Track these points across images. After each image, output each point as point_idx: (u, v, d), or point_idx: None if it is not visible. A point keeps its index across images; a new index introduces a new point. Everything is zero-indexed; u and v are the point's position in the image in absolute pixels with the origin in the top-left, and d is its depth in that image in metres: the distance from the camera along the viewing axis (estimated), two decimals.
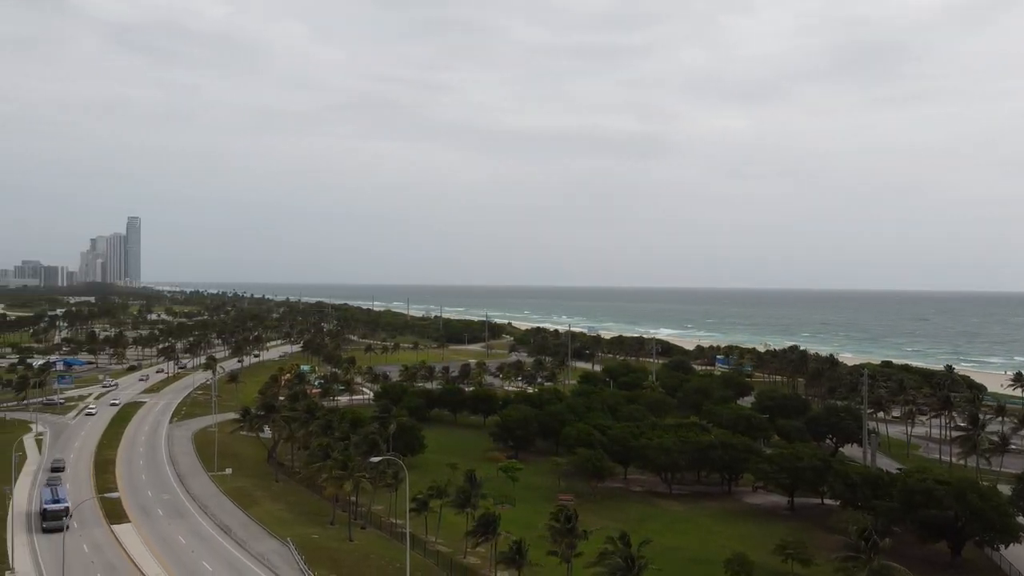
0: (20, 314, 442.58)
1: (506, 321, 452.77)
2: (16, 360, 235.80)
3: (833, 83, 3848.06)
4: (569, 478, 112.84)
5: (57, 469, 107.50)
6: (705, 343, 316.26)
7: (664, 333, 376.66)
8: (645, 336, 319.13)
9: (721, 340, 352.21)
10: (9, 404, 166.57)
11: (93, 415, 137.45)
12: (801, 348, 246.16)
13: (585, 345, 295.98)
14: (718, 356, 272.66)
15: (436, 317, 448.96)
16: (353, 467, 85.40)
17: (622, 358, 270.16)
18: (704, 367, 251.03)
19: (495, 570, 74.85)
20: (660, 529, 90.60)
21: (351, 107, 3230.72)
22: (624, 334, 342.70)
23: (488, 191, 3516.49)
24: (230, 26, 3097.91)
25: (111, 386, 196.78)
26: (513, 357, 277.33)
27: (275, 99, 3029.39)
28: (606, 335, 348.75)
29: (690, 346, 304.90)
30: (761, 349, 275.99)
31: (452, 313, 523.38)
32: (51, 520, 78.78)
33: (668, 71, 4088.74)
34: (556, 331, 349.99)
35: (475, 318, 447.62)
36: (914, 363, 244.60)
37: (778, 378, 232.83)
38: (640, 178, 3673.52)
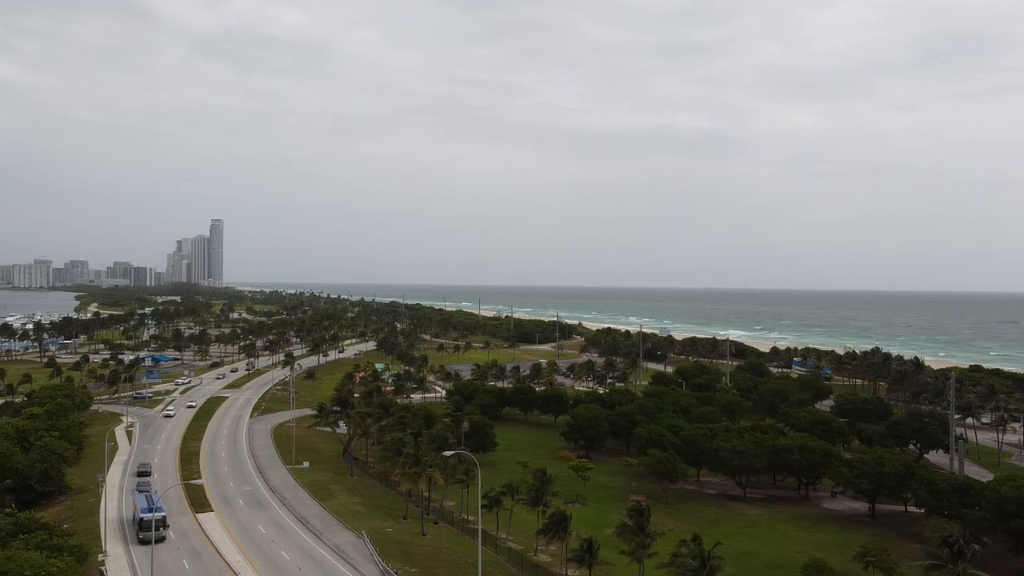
0: (112, 312, 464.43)
1: (577, 321, 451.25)
2: (108, 356, 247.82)
3: (914, 76, 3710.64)
4: (641, 479, 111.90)
5: (144, 473, 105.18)
6: (781, 345, 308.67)
7: (737, 334, 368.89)
8: (719, 337, 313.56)
9: (797, 342, 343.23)
10: (102, 398, 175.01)
11: (171, 416, 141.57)
12: (883, 351, 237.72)
13: (657, 346, 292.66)
14: (795, 358, 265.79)
15: (507, 317, 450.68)
16: (425, 462, 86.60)
17: (695, 359, 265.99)
18: (780, 369, 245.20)
19: (566, 568, 74.88)
20: (734, 533, 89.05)
21: (424, 110, 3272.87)
22: (697, 335, 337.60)
23: (560, 192, 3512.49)
24: (307, 33, 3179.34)
25: (183, 383, 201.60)
26: (584, 357, 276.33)
27: (350, 104, 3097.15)
28: (678, 336, 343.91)
29: (765, 348, 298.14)
30: (840, 351, 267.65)
31: (523, 313, 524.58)
32: (147, 530, 74.81)
33: (742, 67, 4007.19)
34: (627, 332, 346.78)
35: (546, 318, 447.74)
36: (1005, 367, 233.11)
37: (858, 382, 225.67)
38: (712, 177, 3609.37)
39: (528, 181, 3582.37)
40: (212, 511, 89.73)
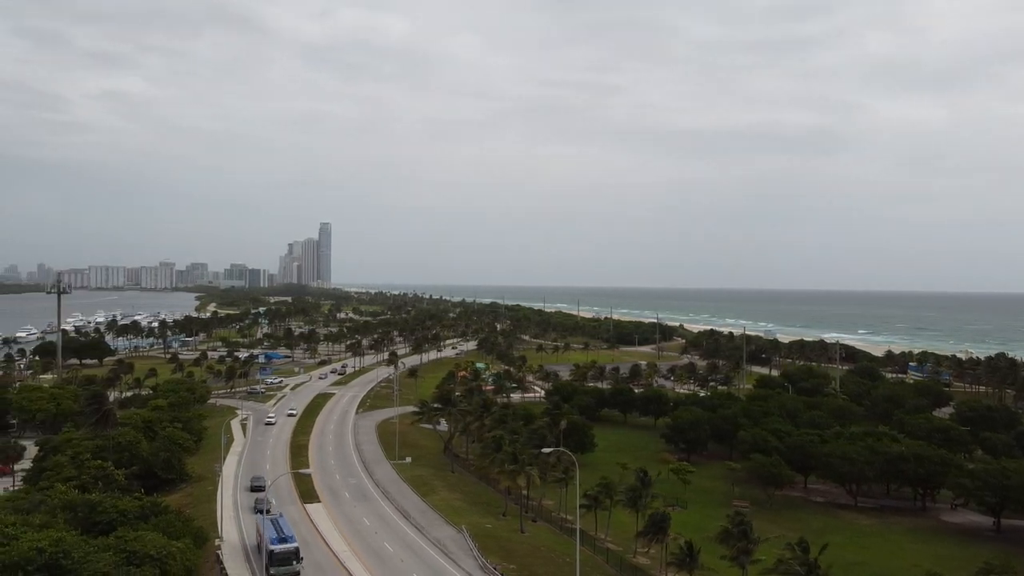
0: (229, 312, 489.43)
1: (678, 323, 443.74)
2: (225, 353, 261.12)
3: None
4: (744, 484, 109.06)
5: (258, 488, 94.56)
6: (895, 348, 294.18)
7: (842, 337, 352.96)
8: (827, 340, 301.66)
9: (910, 345, 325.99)
10: (219, 392, 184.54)
11: (273, 424, 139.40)
12: (1009, 355, 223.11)
13: (762, 348, 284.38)
14: (911, 363, 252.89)
15: (606, 318, 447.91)
16: (523, 460, 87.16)
17: (802, 363, 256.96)
18: (894, 374, 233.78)
19: (666, 571, 73.82)
20: (843, 543, 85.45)
21: (522, 112, 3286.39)
22: (804, 337, 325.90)
23: (658, 193, 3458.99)
24: (411, 41, 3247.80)
25: (274, 384, 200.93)
26: (685, 359, 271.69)
27: (451, 108, 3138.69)
28: (784, 338, 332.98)
29: (878, 351, 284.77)
30: (961, 356, 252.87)
31: (623, 314, 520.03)
32: (280, 564, 65.83)
33: (848, 60, 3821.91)
34: (730, 333, 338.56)
35: (646, 320, 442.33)
36: None
37: (981, 388, 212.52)
38: (817, 175, 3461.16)
39: (625, 182, 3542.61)
40: (319, 502, 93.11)
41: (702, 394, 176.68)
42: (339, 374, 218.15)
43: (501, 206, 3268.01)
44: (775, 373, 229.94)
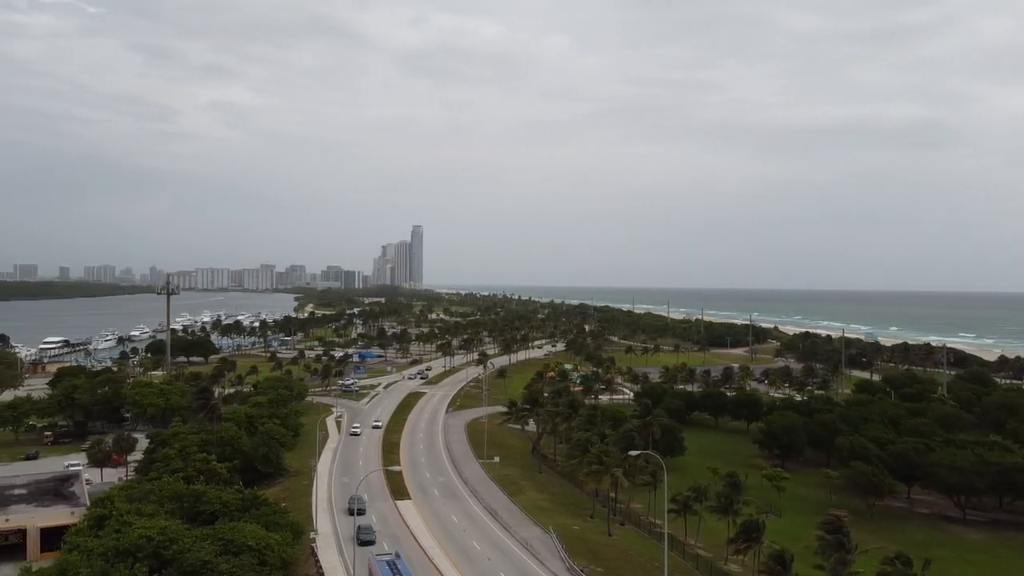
0: (325, 312, 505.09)
1: (771, 325, 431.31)
2: (321, 352, 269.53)
3: None
4: (842, 492, 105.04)
5: (359, 511, 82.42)
6: (1010, 353, 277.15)
7: (952, 340, 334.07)
8: (934, 343, 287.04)
9: None
10: (315, 390, 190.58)
11: (358, 435, 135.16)
12: None
13: (862, 352, 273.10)
14: None
15: (697, 320, 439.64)
16: (610, 462, 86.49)
17: (905, 367, 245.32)
18: (1009, 381, 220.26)
19: None
20: (949, 557, 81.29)
21: (613, 112, 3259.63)
22: (908, 340, 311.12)
23: (753, 191, 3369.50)
24: (502, 44, 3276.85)
25: (350, 386, 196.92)
26: (780, 362, 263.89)
27: (540, 110, 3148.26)
28: (886, 341, 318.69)
29: (990, 356, 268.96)
30: None
31: (714, 316, 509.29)
32: None
33: (962, 48, 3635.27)
34: (828, 336, 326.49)
35: (738, 321, 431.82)
36: None
37: None
38: (923, 171, 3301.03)
39: (719, 180, 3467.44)
40: (409, 499, 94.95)
41: (798, 398, 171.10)
42: (423, 377, 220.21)
43: (590, 207, 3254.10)
44: (876, 378, 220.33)
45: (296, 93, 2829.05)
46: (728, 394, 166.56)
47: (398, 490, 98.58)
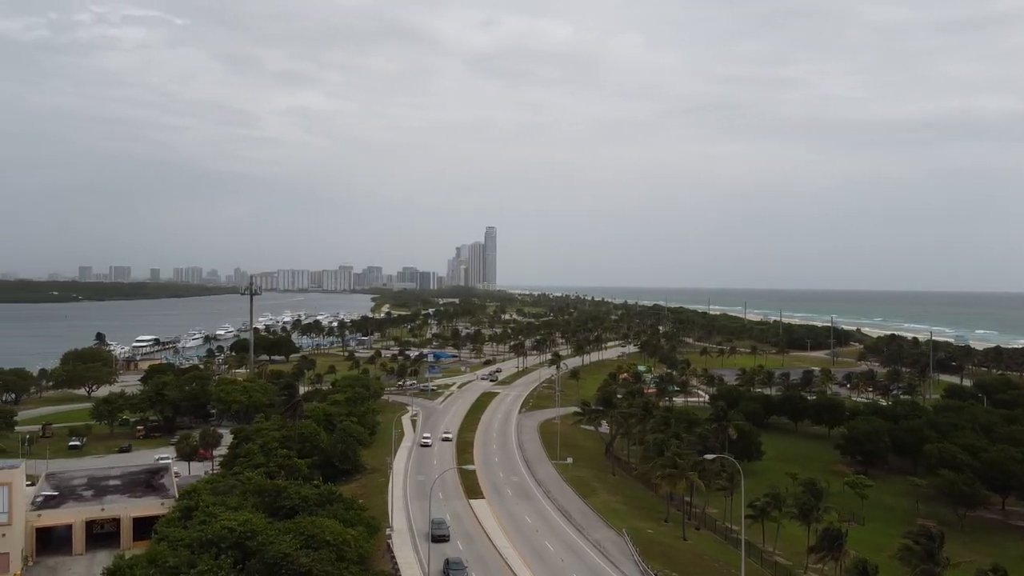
0: (400, 313, 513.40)
1: (854, 327, 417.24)
2: (397, 351, 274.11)
3: None
4: (929, 502, 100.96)
5: (440, 538, 77.08)
6: None
7: None
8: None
9: None
10: (391, 388, 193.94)
11: (429, 446, 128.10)
12: None
13: (952, 356, 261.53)
14: None
15: (775, 321, 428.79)
16: (685, 465, 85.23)
17: (1000, 372, 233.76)
18: None
19: None
20: None
21: (688, 111, 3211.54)
22: (1002, 344, 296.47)
23: (835, 189, 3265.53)
24: (573, 44, 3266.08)
25: (427, 386, 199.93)
26: (863, 366, 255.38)
27: (614, 110, 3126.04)
28: (978, 345, 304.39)
29: None
30: None
31: (792, 318, 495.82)
32: None
33: None
34: (915, 339, 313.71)
35: (819, 323, 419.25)
36: None
37: None
38: (1021, 165, 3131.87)
39: (799, 179, 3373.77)
40: (483, 498, 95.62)
41: (883, 403, 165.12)
42: (492, 379, 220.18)
43: (664, 207, 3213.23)
44: (968, 383, 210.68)
45: (370, 97, 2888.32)
46: (808, 398, 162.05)
47: (472, 489, 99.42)
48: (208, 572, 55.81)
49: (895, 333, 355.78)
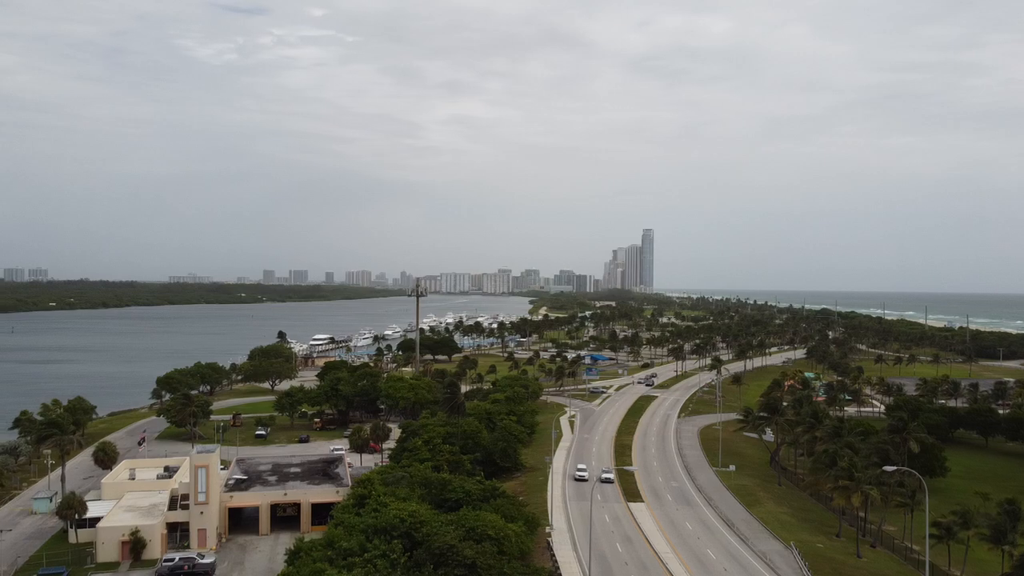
0: (558, 315, 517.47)
1: None
2: (555, 353, 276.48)
3: None
4: None
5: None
6: None
7: None
8: None
9: None
10: (549, 389, 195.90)
11: (584, 480, 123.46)
12: None
13: None
14: None
15: (961, 328, 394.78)
16: (861, 477, 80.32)
17: None
18: None
19: None
20: None
21: (861, 104, 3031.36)
22: None
23: None
24: (733, 39, 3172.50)
25: (596, 388, 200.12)
26: None
27: (780, 105, 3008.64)
28: None
29: None
30: None
31: (982, 324, 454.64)
32: None
33: None
34: None
35: (1012, 330, 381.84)
36: None
37: None
38: None
39: (990, 173, 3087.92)
40: (643, 502, 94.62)
41: None
42: (648, 384, 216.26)
43: (833, 206, 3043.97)
44: None
45: (529, 103, 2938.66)
46: (1001, 411, 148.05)
47: (631, 492, 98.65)
48: (381, 556, 58.87)
49: None
